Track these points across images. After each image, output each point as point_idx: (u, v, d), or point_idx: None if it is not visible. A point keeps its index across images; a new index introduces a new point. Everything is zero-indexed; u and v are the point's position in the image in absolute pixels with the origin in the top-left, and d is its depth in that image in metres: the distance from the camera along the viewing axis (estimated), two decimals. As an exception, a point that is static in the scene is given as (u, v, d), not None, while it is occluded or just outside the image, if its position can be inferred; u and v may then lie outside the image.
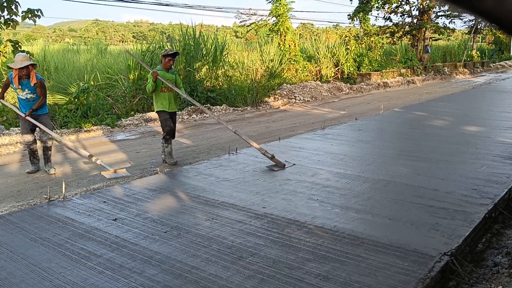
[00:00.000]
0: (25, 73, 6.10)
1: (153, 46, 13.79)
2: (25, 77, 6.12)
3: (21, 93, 6.20)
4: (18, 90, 6.19)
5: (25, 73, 6.10)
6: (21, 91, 6.18)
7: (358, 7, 22.58)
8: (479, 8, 0.51)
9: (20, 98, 6.26)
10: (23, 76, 6.10)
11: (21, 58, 6.17)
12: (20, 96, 6.24)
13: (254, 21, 21.19)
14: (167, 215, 4.02)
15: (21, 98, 6.24)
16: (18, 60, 6.13)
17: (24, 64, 6.04)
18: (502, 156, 5.96)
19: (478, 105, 11.86)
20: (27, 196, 5.46)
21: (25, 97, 6.21)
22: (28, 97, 6.22)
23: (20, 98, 6.25)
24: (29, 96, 6.22)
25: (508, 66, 31.80)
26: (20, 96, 6.24)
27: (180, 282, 2.81)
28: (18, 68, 6.04)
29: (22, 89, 6.17)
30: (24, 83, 6.14)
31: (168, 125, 6.54)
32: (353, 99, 15.35)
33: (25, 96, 6.21)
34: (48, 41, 36.47)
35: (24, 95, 6.21)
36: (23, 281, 2.86)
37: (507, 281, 3.09)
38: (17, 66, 6.05)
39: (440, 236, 3.42)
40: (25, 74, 6.11)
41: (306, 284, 2.75)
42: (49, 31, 73.50)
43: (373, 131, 8.15)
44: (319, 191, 4.64)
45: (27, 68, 6.10)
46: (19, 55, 6.38)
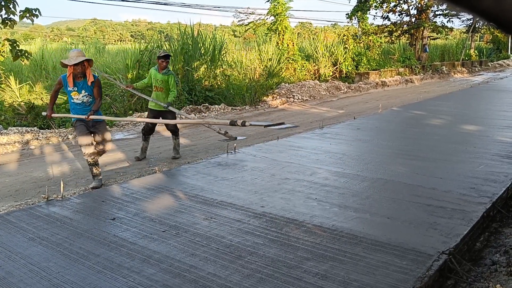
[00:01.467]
0: (80, 71, 5.39)
1: (151, 45, 13.77)
2: (81, 76, 5.42)
3: (76, 96, 5.45)
4: (72, 93, 5.44)
5: (81, 70, 5.38)
6: (76, 93, 5.44)
7: (357, 6, 22.59)
8: (478, 7, 0.51)
9: (73, 103, 5.50)
10: (78, 75, 5.41)
11: (76, 53, 5.45)
12: (75, 100, 5.48)
13: (252, 20, 21.21)
14: (166, 214, 4.01)
15: (76, 102, 5.48)
16: (73, 55, 5.42)
17: (79, 60, 5.33)
18: (500, 155, 5.97)
19: (476, 104, 11.88)
20: (25, 195, 5.45)
21: (81, 100, 5.46)
22: (85, 100, 5.47)
23: (74, 103, 5.49)
24: (85, 99, 5.47)
25: (506, 65, 31.85)
26: (75, 100, 5.48)
27: (178, 281, 2.81)
28: (73, 65, 5.32)
29: (78, 91, 5.44)
30: (79, 84, 5.44)
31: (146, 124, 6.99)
32: (351, 98, 15.36)
33: (81, 100, 5.46)
34: (46, 40, 36.43)
35: (80, 98, 5.46)
36: (21, 280, 2.85)
37: (505, 280, 3.09)
38: (72, 62, 5.32)
39: (439, 235, 3.42)
40: (81, 72, 5.40)
41: (305, 283, 2.75)
42: (47, 30, 73.39)
43: (372, 130, 8.15)
44: (318, 190, 4.64)
45: (83, 64, 5.39)
46: (73, 51, 5.57)
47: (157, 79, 6.85)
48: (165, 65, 6.81)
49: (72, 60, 5.34)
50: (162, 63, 6.79)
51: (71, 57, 5.41)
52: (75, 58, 5.36)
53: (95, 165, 5.59)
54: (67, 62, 5.38)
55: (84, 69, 5.41)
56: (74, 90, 5.43)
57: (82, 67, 5.38)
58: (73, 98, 5.47)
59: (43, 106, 11.66)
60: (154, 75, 6.86)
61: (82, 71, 5.40)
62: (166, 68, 6.85)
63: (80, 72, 5.39)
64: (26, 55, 9.09)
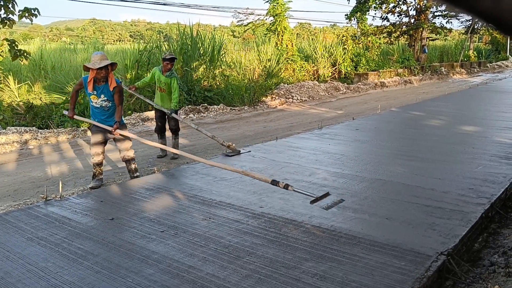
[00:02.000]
0: (103, 75, 5.19)
1: (150, 45, 13.77)
2: (103, 81, 5.25)
3: (95, 99, 5.31)
4: (92, 96, 5.29)
5: (104, 74, 5.19)
6: (95, 97, 5.29)
7: (356, 7, 22.60)
8: (476, 8, 0.51)
9: (93, 106, 5.38)
10: (100, 79, 5.23)
11: (99, 56, 5.21)
12: (94, 103, 5.35)
13: (251, 21, 21.19)
14: (164, 215, 4.01)
15: (95, 106, 5.36)
16: (96, 59, 5.17)
17: (103, 64, 5.12)
18: (498, 155, 5.98)
19: (475, 105, 11.90)
20: (23, 195, 5.44)
21: (100, 104, 5.33)
22: (103, 104, 5.33)
23: (93, 106, 5.37)
24: (104, 104, 5.33)
25: (504, 66, 31.88)
26: (94, 103, 5.35)
27: (177, 282, 2.81)
28: (96, 69, 5.12)
29: (97, 95, 5.28)
30: (99, 88, 5.27)
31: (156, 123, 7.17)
32: (350, 99, 15.37)
33: (100, 104, 5.33)
34: (45, 40, 36.40)
35: (99, 102, 5.32)
36: (19, 280, 2.85)
37: (503, 281, 3.10)
38: (95, 66, 5.10)
39: (437, 236, 3.42)
40: (104, 76, 5.21)
41: (303, 284, 2.75)
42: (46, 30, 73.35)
43: (370, 131, 8.16)
44: (316, 190, 4.63)
45: (107, 68, 5.20)
46: (96, 53, 5.30)
47: (160, 81, 6.88)
48: (169, 68, 6.82)
49: (96, 64, 5.12)
50: (167, 65, 6.79)
51: (94, 61, 5.17)
52: (98, 62, 5.14)
53: (98, 165, 5.59)
54: (90, 66, 5.14)
55: (107, 73, 5.22)
56: (93, 93, 5.28)
57: (106, 71, 5.20)
58: (92, 101, 5.35)
59: (41, 106, 11.65)
60: (158, 76, 6.88)
61: (105, 75, 5.22)
62: (169, 71, 6.85)
63: (103, 76, 5.20)
64: (25, 55, 9.09)
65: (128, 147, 5.56)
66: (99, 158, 5.54)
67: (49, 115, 10.69)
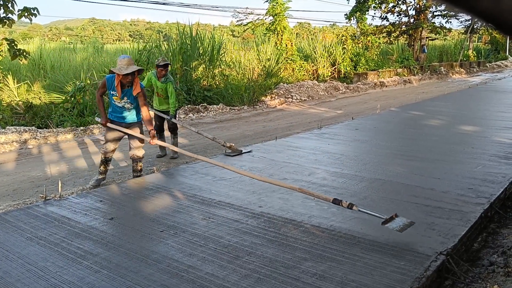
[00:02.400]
0: (129, 80, 5.15)
1: (149, 45, 13.77)
2: (128, 85, 5.21)
3: (117, 100, 5.28)
4: (114, 96, 5.27)
5: (130, 80, 5.14)
6: (118, 98, 5.26)
7: (355, 6, 22.61)
8: (476, 8, 0.51)
9: (114, 103, 5.35)
10: (126, 84, 5.19)
11: (127, 61, 5.11)
12: (116, 102, 5.32)
13: (251, 20, 21.19)
14: (164, 214, 4.01)
15: (117, 105, 5.35)
16: (123, 64, 5.08)
17: (130, 70, 5.06)
18: (498, 155, 5.98)
19: (474, 104, 11.90)
20: (23, 195, 5.44)
21: (122, 105, 5.33)
22: (125, 106, 5.34)
23: (115, 104, 5.35)
24: (126, 106, 5.34)
25: (504, 66, 31.90)
26: (116, 102, 5.32)
27: (176, 281, 2.81)
28: (123, 75, 5.07)
29: (120, 97, 5.27)
30: (124, 91, 5.24)
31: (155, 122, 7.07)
32: (349, 99, 15.37)
33: (122, 104, 5.33)
34: (45, 39, 36.39)
35: (121, 103, 5.31)
36: (19, 280, 2.85)
37: (502, 280, 3.10)
38: (122, 72, 5.02)
39: (436, 236, 3.42)
40: (130, 82, 5.17)
41: (303, 283, 2.75)
42: (45, 29, 73.30)
43: (370, 131, 8.16)
44: (316, 190, 4.63)
45: (133, 74, 5.14)
46: (123, 58, 5.19)
47: (157, 86, 6.95)
48: (164, 73, 6.84)
49: (122, 69, 5.04)
50: (161, 72, 6.82)
51: (120, 65, 5.08)
52: (125, 67, 5.06)
53: (104, 162, 5.60)
54: (117, 71, 5.07)
55: (133, 79, 5.16)
56: (116, 95, 5.25)
57: (132, 76, 5.13)
58: (114, 100, 5.32)
59: (41, 105, 11.65)
60: (154, 82, 6.93)
61: (131, 80, 5.16)
62: (164, 76, 6.88)
63: (129, 81, 5.16)
64: (24, 54, 9.08)
65: (140, 146, 5.54)
66: (109, 155, 5.59)
67: (49, 115, 10.68)
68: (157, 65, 6.85)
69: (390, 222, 3.39)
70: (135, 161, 5.57)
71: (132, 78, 5.16)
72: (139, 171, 5.57)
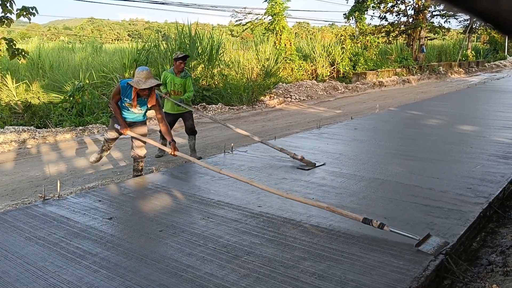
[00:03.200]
0: (147, 94, 5.03)
1: (148, 45, 13.76)
2: (145, 98, 5.11)
3: (129, 106, 5.20)
4: (127, 103, 5.16)
5: (147, 93, 5.02)
6: (130, 105, 5.19)
7: (354, 6, 22.62)
8: (475, 8, 0.51)
9: (124, 106, 5.24)
10: (143, 96, 5.08)
11: (145, 74, 4.92)
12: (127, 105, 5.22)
13: (250, 20, 21.18)
14: (163, 214, 4.01)
15: (128, 108, 5.24)
16: (141, 77, 4.91)
17: (149, 85, 4.89)
18: (496, 155, 5.99)
19: (473, 104, 11.91)
20: (21, 195, 5.44)
21: (132, 111, 5.28)
22: (136, 112, 5.29)
23: (126, 107, 5.24)
24: (137, 112, 5.30)
25: (502, 66, 31.93)
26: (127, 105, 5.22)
27: (175, 281, 2.81)
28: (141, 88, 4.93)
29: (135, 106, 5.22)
30: (141, 100, 5.17)
31: None
32: (348, 98, 15.38)
33: (133, 111, 5.28)
34: (43, 39, 36.39)
35: (133, 110, 5.25)
36: (18, 280, 2.85)
37: (501, 280, 3.10)
38: (140, 86, 4.87)
39: (435, 235, 3.42)
40: (147, 95, 5.05)
41: (302, 283, 2.75)
42: (44, 29, 73.21)
43: (369, 130, 8.16)
44: (315, 190, 4.64)
45: (151, 88, 5.01)
46: (142, 70, 5.00)
47: (175, 83, 6.61)
48: (183, 67, 6.61)
49: (140, 83, 4.89)
50: (180, 65, 6.56)
51: (138, 79, 4.91)
52: (143, 81, 4.90)
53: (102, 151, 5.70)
54: (135, 86, 4.91)
55: (150, 92, 5.03)
56: (128, 102, 5.15)
57: (149, 90, 4.99)
58: (126, 106, 5.22)
59: (40, 105, 11.64)
60: (172, 78, 6.61)
61: (148, 93, 5.02)
62: (183, 71, 6.65)
63: (146, 94, 5.02)
64: (23, 54, 9.06)
65: (142, 146, 5.50)
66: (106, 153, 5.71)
67: (47, 114, 10.68)
68: (175, 59, 6.61)
69: (424, 244, 3.21)
70: (136, 161, 5.55)
71: (149, 92, 5.02)
72: (140, 171, 5.56)
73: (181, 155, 5.17)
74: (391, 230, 3.36)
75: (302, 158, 5.55)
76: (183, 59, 6.59)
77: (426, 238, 3.29)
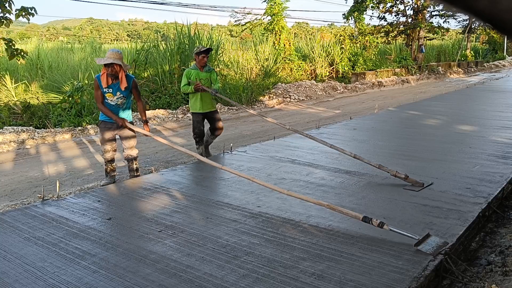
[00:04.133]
0: (110, 73, 5.12)
1: (147, 45, 13.76)
2: (113, 79, 5.20)
3: (110, 97, 5.26)
4: (107, 94, 5.24)
5: (111, 72, 5.12)
6: (111, 95, 5.25)
7: (353, 6, 22.62)
8: (474, 8, 0.51)
9: (108, 103, 5.31)
10: (110, 75, 5.17)
11: (109, 54, 5.15)
12: (109, 101, 5.29)
13: (249, 20, 21.19)
14: (162, 214, 4.01)
15: (110, 103, 5.31)
16: (106, 56, 5.15)
17: (107, 62, 5.05)
18: (495, 155, 5.99)
19: (472, 104, 11.92)
20: (20, 195, 5.43)
21: (115, 102, 5.31)
22: (119, 102, 5.33)
23: (109, 103, 5.31)
24: (119, 102, 5.33)
25: (501, 66, 31.97)
26: (109, 101, 5.29)
27: (174, 281, 2.80)
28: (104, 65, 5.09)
29: (112, 93, 5.26)
30: (114, 86, 5.24)
31: (197, 127, 6.52)
32: (347, 98, 15.38)
33: (115, 102, 5.31)
34: (42, 39, 36.36)
35: (114, 100, 5.29)
36: (17, 280, 2.84)
37: (500, 280, 3.10)
38: (100, 62, 5.13)
39: (434, 235, 3.42)
40: (111, 74, 5.14)
41: (301, 283, 2.75)
42: (43, 29, 73.20)
43: (368, 130, 8.16)
44: (314, 190, 4.64)
45: (113, 67, 5.11)
46: (110, 50, 5.26)
47: (200, 78, 6.37)
48: (206, 61, 6.38)
49: (101, 60, 5.12)
50: (203, 59, 6.31)
51: (107, 57, 5.14)
52: (105, 59, 5.10)
53: (109, 162, 5.60)
54: (97, 61, 5.32)
55: (114, 72, 5.14)
56: (109, 91, 5.23)
57: (113, 69, 5.12)
58: (108, 99, 5.28)
59: (39, 105, 11.63)
60: (196, 74, 6.35)
61: (112, 73, 5.14)
62: (206, 65, 6.45)
63: (110, 73, 5.14)
64: (22, 54, 9.05)
65: (133, 146, 5.54)
66: (110, 155, 5.55)
67: (46, 115, 10.68)
68: (197, 53, 6.35)
69: (423, 244, 3.22)
70: (130, 161, 5.58)
71: (113, 71, 5.12)
72: (135, 170, 5.57)
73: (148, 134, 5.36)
74: (390, 229, 3.36)
75: (407, 176, 4.74)
76: (206, 52, 6.35)
77: (425, 238, 3.29)
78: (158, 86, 12.59)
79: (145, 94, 12.20)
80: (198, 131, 6.53)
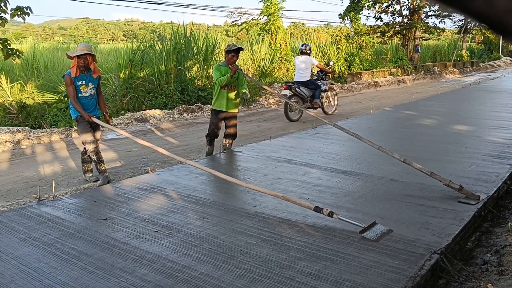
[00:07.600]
0: (83, 64, 5.45)
1: (143, 45, 13.73)
2: (84, 70, 5.51)
3: (84, 89, 5.54)
4: (81, 86, 5.50)
5: (83, 64, 5.45)
6: (85, 87, 5.54)
7: (349, 6, 22.65)
8: (469, 8, 0.51)
9: (82, 97, 5.53)
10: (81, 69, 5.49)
11: (81, 47, 5.55)
12: (83, 93, 5.54)
13: (245, 20, 21.17)
14: (158, 214, 4.00)
15: (84, 96, 5.55)
16: (78, 49, 5.53)
17: (81, 53, 5.41)
18: (491, 155, 6.02)
19: (467, 104, 11.96)
20: (16, 195, 5.41)
21: (89, 93, 5.58)
22: (92, 93, 5.62)
23: (83, 96, 5.54)
24: (92, 92, 5.62)
25: (497, 66, 32.08)
26: (83, 93, 5.54)
27: (171, 282, 2.80)
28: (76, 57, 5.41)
29: (86, 84, 5.54)
30: (86, 77, 5.55)
31: (212, 129, 6.43)
32: (344, 98, 15.40)
33: (89, 92, 5.58)
34: (38, 39, 36.24)
35: (88, 91, 5.57)
36: (12, 281, 2.83)
37: (496, 279, 3.12)
38: (74, 54, 5.44)
39: (430, 235, 3.44)
40: (83, 66, 5.46)
41: (297, 283, 2.75)
42: (38, 29, 72.96)
43: (364, 130, 8.16)
44: (310, 190, 4.65)
45: (85, 58, 5.45)
46: (80, 44, 5.68)
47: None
48: (235, 60, 6.19)
49: (75, 52, 5.47)
50: (232, 58, 6.10)
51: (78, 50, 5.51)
52: (78, 51, 5.46)
53: (99, 161, 5.71)
54: (70, 54, 5.55)
55: (86, 63, 5.48)
56: (83, 83, 5.53)
57: (85, 60, 5.46)
58: (82, 91, 5.54)
59: (34, 105, 11.59)
60: (226, 71, 6.11)
61: (84, 64, 5.47)
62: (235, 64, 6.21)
63: (82, 65, 5.46)
64: (17, 54, 9.02)
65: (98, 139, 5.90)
66: (94, 145, 5.68)
67: (42, 115, 10.63)
68: (227, 51, 6.16)
69: (368, 231, 3.44)
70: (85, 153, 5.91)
71: (85, 63, 5.46)
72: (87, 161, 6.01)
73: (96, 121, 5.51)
74: (339, 218, 3.57)
75: (461, 187, 4.36)
76: (236, 51, 6.16)
77: (371, 225, 3.51)
78: (154, 86, 12.56)
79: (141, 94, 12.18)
80: (212, 133, 6.45)
